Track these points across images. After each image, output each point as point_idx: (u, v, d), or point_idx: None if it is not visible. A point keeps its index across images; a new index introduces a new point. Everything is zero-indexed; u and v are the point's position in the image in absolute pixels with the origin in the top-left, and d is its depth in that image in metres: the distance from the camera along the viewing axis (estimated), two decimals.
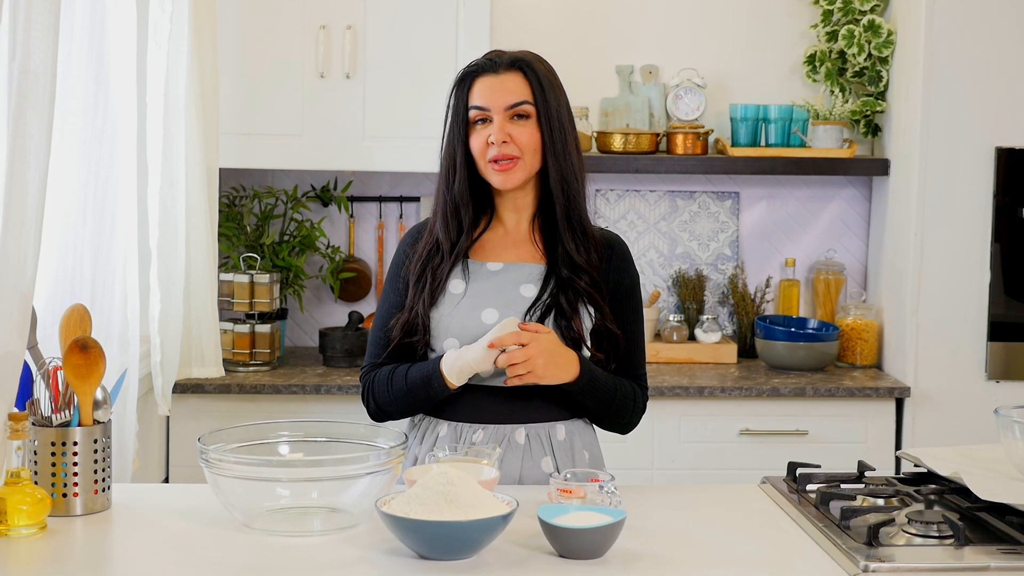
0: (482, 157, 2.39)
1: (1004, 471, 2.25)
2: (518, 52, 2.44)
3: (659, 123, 4.20)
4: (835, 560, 1.94)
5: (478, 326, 2.37)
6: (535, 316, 2.36)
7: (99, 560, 1.97)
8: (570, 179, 2.40)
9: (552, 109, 2.39)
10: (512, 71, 2.40)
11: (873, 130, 4.13)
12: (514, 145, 2.37)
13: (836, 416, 3.78)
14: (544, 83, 2.40)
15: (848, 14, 4.07)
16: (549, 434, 2.41)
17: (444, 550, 1.88)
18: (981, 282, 3.80)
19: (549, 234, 2.44)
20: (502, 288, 2.40)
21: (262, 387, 3.67)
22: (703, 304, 4.23)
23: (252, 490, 2.01)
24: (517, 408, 2.39)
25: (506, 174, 2.38)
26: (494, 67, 2.40)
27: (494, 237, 2.47)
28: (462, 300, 2.39)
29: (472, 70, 2.42)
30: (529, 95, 2.38)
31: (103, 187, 2.88)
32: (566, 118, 2.42)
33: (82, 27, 2.77)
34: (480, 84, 2.40)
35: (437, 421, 2.43)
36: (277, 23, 3.83)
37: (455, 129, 2.41)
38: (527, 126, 2.38)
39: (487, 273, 2.43)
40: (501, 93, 2.38)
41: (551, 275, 2.41)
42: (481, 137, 2.38)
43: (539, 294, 2.39)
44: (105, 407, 2.14)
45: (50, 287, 2.70)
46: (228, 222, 3.99)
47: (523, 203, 2.46)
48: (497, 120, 2.37)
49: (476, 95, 2.39)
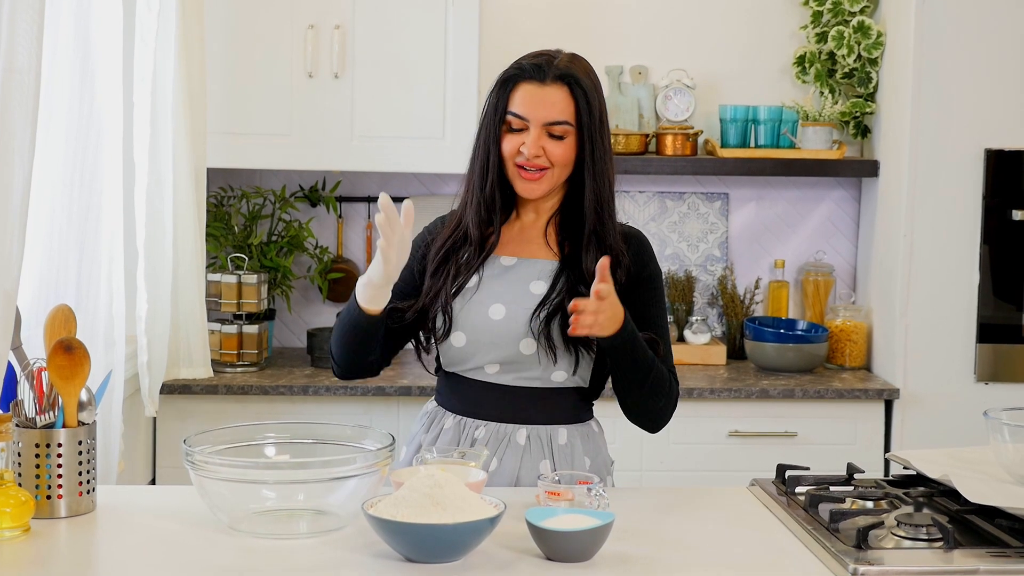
0: (511, 160, 2.36)
1: (993, 473, 2.24)
2: (567, 60, 2.36)
3: (648, 124, 4.19)
4: (824, 563, 1.94)
5: (484, 321, 2.35)
6: (542, 316, 2.33)
7: (84, 563, 1.96)
8: (605, 199, 2.37)
9: (595, 129, 2.34)
10: (558, 84, 2.33)
11: (862, 131, 4.12)
12: (546, 158, 2.34)
13: (825, 418, 3.77)
14: (591, 101, 2.34)
15: (838, 15, 4.07)
16: (550, 437, 2.40)
17: (431, 553, 1.87)
18: (970, 284, 3.80)
19: (565, 233, 2.41)
20: (512, 284, 2.38)
21: (250, 388, 3.65)
22: (692, 305, 4.22)
23: (238, 492, 1.99)
24: (520, 408, 2.38)
25: (532, 184, 2.35)
26: (541, 75, 2.33)
27: (510, 231, 2.44)
28: (475, 294, 2.38)
29: (517, 73, 2.36)
30: (571, 115, 2.33)
31: (88, 186, 2.86)
32: (606, 134, 2.38)
33: (67, 25, 2.75)
34: (523, 91, 2.34)
35: (445, 412, 2.44)
36: (265, 22, 3.81)
37: (491, 129, 2.37)
38: (562, 144, 2.34)
39: (500, 268, 2.40)
40: (544, 107, 2.32)
41: (562, 273, 2.38)
42: (514, 143, 2.35)
43: (548, 292, 2.36)
44: (90, 408, 2.13)
45: (34, 287, 2.69)
46: (216, 222, 3.98)
47: (545, 205, 2.44)
48: (534, 133, 2.33)
49: (517, 102, 2.34)
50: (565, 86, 2.33)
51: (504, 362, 2.37)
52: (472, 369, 2.40)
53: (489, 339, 2.36)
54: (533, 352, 2.35)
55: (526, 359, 2.36)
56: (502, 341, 2.35)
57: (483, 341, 2.36)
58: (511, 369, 2.38)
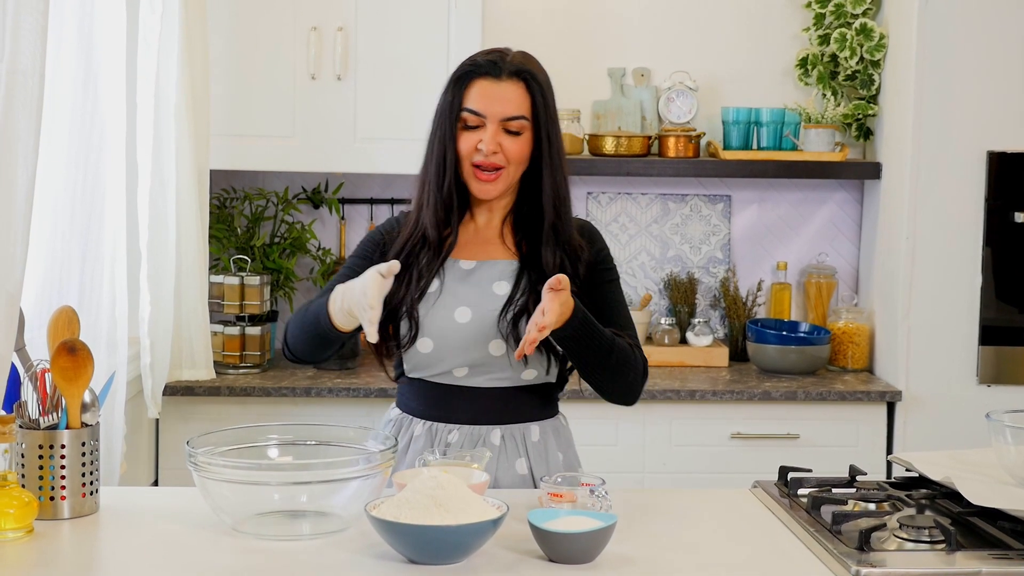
0: (467, 159, 2.34)
1: (996, 476, 2.24)
2: (520, 57, 2.37)
3: (651, 126, 4.19)
4: (826, 565, 1.94)
5: (451, 325, 2.34)
6: (508, 316, 2.33)
7: (87, 564, 1.96)
8: (563, 194, 2.37)
9: (551, 124, 2.35)
10: (514, 80, 2.33)
11: (865, 133, 4.12)
12: (502, 156, 2.33)
13: (827, 420, 3.77)
14: (546, 96, 2.34)
15: (840, 17, 4.07)
16: (524, 435, 2.40)
17: (433, 554, 1.87)
18: (973, 286, 3.80)
19: (521, 231, 2.40)
20: (475, 286, 2.37)
21: (252, 389, 3.65)
22: (694, 307, 4.22)
23: (241, 494, 1.99)
24: (493, 409, 2.38)
25: (488, 185, 2.34)
26: (497, 71, 2.33)
27: (465, 233, 2.43)
28: (438, 299, 2.36)
29: (472, 69, 2.35)
30: (528, 110, 2.33)
31: (91, 188, 2.86)
32: (559, 130, 2.38)
33: (71, 27, 2.75)
34: (479, 87, 2.33)
35: (412, 419, 2.42)
36: (268, 24, 3.82)
37: (446, 127, 2.35)
38: (519, 140, 2.33)
39: (460, 272, 2.39)
40: (500, 103, 2.32)
41: (523, 273, 2.37)
42: (471, 140, 2.34)
43: (512, 292, 2.36)
44: (93, 410, 2.13)
45: (38, 289, 2.69)
46: (219, 224, 3.98)
47: (499, 204, 2.43)
48: (491, 129, 2.32)
49: (473, 98, 2.33)
50: (521, 81, 2.33)
51: (473, 365, 2.36)
52: (440, 374, 2.39)
53: (457, 343, 2.35)
54: (503, 353, 2.35)
55: (496, 360, 2.36)
56: (471, 344, 2.35)
57: (450, 346, 2.35)
58: (481, 371, 2.37)
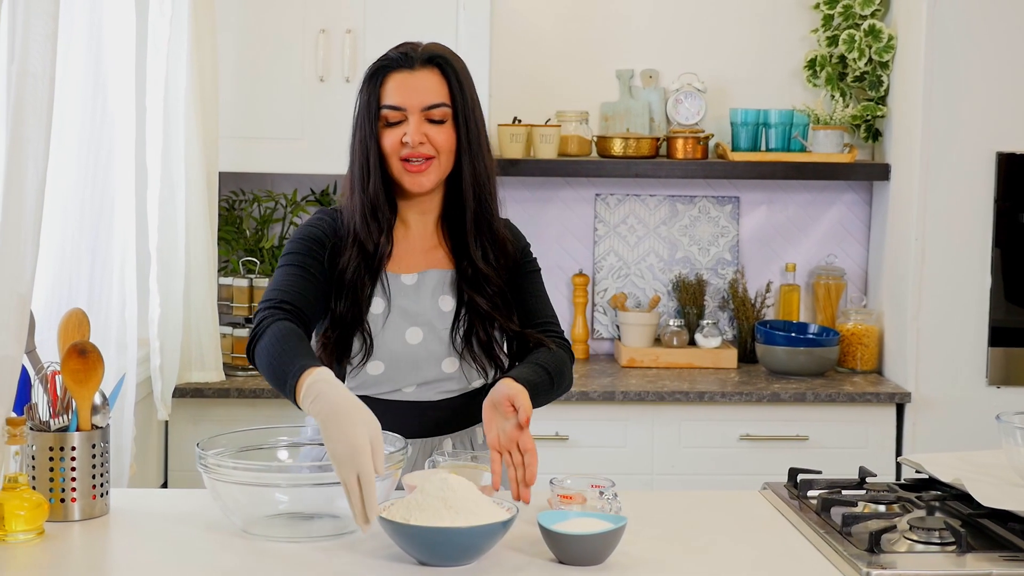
0: (395, 156, 2.28)
1: (1006, 477, 2.24)
2: (432, 45, 2.32)
3: (659, 128, 4.19)
4: (836, 567, 1.94)
5: (403, 347, 2.31)
6: (460, 334, 2.32)
7: (97, 566, 1.96)
8: (483, 181, 2.32)
9: (469, 109, 2.30)
10: (428, 68, 2.29)
11: (874, 135, 4.12)
12: (430, 146, 2.28)
13: (837, 421, 3.77)
14: (463, 81, 2.30)
15: (849, 19, 4.06)
16: (471, 438, 2.40)
17: (444, 556, 1.87)
18: (982, 287, 3.79)
19: (457, 236, 2.36)
20: (419, 302, 2.33)
21: (261, 391, 3.66)
22: (703, 309, 4.22)
23: (251, 496, 2.00)
24: (443, 419, 2.36)
25: (420, 176, 2.28)
26: (410, 62, 2.28)
27: (400, 243, 2.37)
28: (386, 320, 2.31)
29: (385, 64, 2.30)
30: (446, 96, 2.29)
31: (101, 190, 2.87)
32: (480, 117, 2.34)
33: (80, 30, 2.76)
34: (394, 81, 2.28)
35: None
36: (277, 27, 3.82)
37: (366, 127, 2.29)
38: (444, 128, 2.28)
39: (403, 288, 2.34)
40: (417, 92, 2.27)
41: (461, 280, 2.34)
42: (395, 136, 2.28)
43: (457, 307, 2.33)
44: (103, 412, 2.13)
45: (48, 291, 2.69)
46: (228, 226, 3.99)
47: (429, 205, 2.37)
48: (413, 120, 2.26)
49: (390, 92, 2.28)
50: (436, 68, 2.29)
51: (424, 383, 2.34)
52: (388, 392, 2.34)
53: (409, 364, 2.32)
54: (456, 369, 2.34)
55: (448, 376, 2.34)
56: (424, 364, 2.33)
57: (402, 367, 2.32)
58: (431, 387, 2.35)
